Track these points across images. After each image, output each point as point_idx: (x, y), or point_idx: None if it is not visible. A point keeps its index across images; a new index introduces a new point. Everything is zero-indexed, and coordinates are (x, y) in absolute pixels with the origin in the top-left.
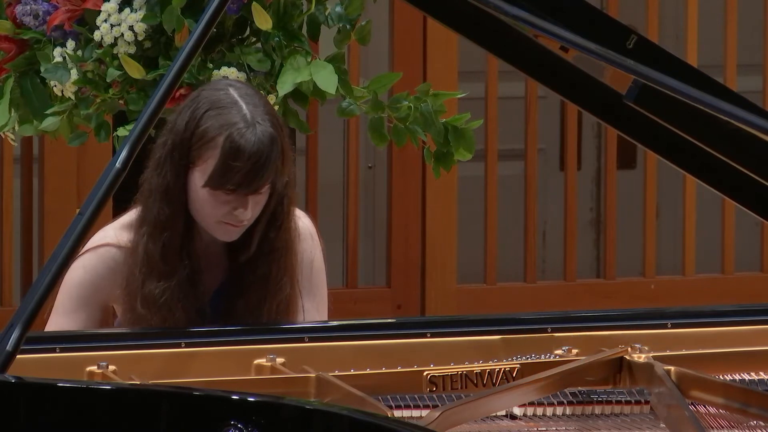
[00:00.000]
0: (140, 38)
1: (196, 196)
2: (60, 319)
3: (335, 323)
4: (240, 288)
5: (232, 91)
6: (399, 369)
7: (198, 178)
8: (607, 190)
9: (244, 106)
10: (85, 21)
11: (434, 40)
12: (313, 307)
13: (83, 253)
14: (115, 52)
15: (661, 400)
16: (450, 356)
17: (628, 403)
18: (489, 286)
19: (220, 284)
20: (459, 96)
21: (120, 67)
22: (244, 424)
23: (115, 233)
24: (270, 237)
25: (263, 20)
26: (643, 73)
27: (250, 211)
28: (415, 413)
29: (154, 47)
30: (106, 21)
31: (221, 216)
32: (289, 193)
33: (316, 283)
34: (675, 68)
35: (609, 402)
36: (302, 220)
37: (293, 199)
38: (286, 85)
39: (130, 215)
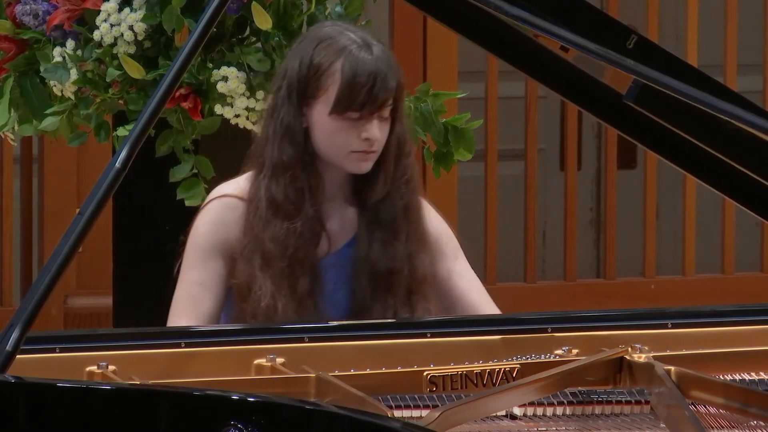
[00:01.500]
0: (140, 38)
1: (323, 129)
2: (192, 273)
3: (335, 323)
4: (380, 224)
5: (335, 26)
6: (399, 369)
7: (322, 108)
8: (607, 190)
9: (352, 33)
10: (85, 21)
11: (434, 40)
12: (466, 268)
13: (205, 205)
14: (114, 52)
15: (662, 400)
16: (450, 356)
17: (628, 403)
18: (489, 286)
19: (342, 248)
20: (459, 96)
21: (120, 67)
22: (244, 424)
23: (233, 186)
24: (402, 165)
25: (263, 20)
26: (643, 73)
27: (378, 133)
28: (415, 413)
29: (154, 47)
30: (105, 21)
31: (352, 144)
32: (406, 120)
33: (455, 246)
34: (675, 68)
35: (609, 402)
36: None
37: (410, 127)
38: None
39: (247, 174)
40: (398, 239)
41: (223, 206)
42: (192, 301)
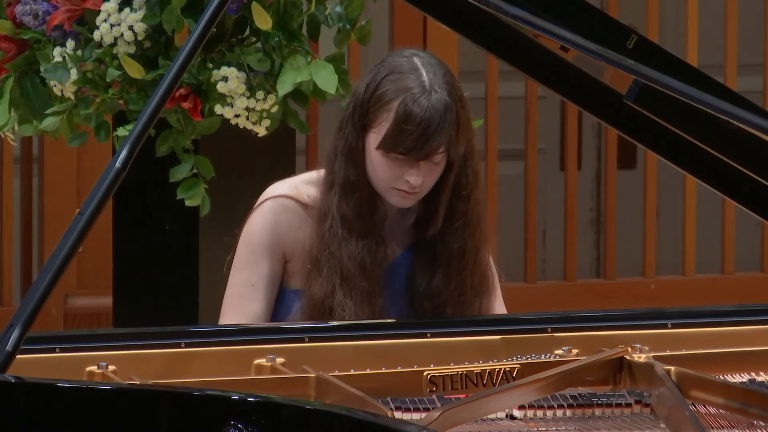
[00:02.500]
0: (140, 38)
1: (371, 158)
2: (243, 273)
3: (335, 323)
4: (434, 262)
5: (415, 59)
6: (399, 369)
7: (373, 140)
8: (607, 190)
9: (423, 74)
10: (85, 21)
11: (434, 40)
12: (500, 305)
13: (260, 204)
14: (114, 52)
15: (662, 400)
16: (450, 356)
17: (628, 405)
18: None
19: (398, 257)
20: None
21: (120, 67)
22: (244, 424)
23: (289, 187)
24: (458, 209)
25: (263, 20)
26: (643, 73)
27: (422, 178)
28: (416, 416)
29: (154, 47)
30: (105, 21)
31: (394, 181)
32: (472, 164)
33: (497, 283)
34: (675, 68)
35: (609, 405)
36: None
37: (479, 171)
38: (286, 85)
39: (310, 174)
40: (450, 281)
41: (279, 206)
42: (242, 301)
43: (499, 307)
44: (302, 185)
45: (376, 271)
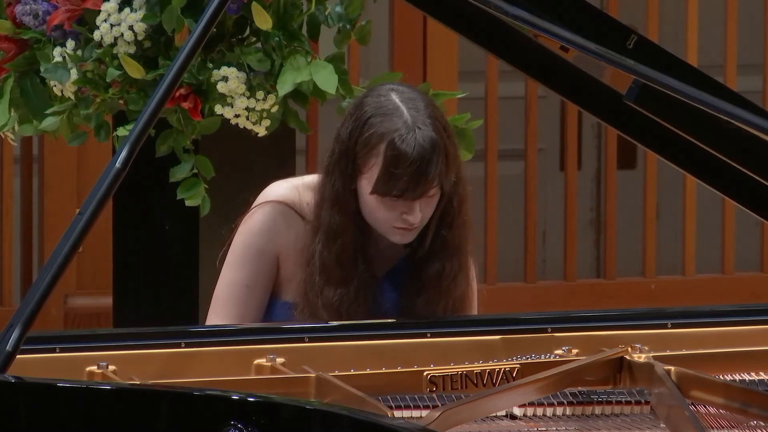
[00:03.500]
0: (140, 38)
1: (365, 202)
2: (238, 273)
3: (335, 323)
4: (418, 285)
5: (393, 96)
6: (399, 369)
7: (365, 185)
8: (607, 190)
9: (405, 111)
10: (85, 21)
11: (434, 40)
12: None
13: (261, 204)
14: (115, 52)
15: (662, 400)
16: (450, 356)
17: (628, 403)
18: (489, 286)
19: (390, 270)
20: (459, 96)
21: (120, 67)
22: (244, 424)
23: (291, 191)
24: (442, 235)
25: (263, 20)
26: (643, 73)
27: (420, 213)
28: (416, 413)
29: (154, 47)
30: (105, 21)
31: (393, 221)
32: (459, 191)
33: (472, 288)
34: (675, 68)
35: (609, 402)
36: None
37: (464, 197)
38: (286, 85)
39: (313, 177)
40: (429, 305)
41: (278, 213)
42: (236, 301)
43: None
44: (305, 190)
45: (360, 313)
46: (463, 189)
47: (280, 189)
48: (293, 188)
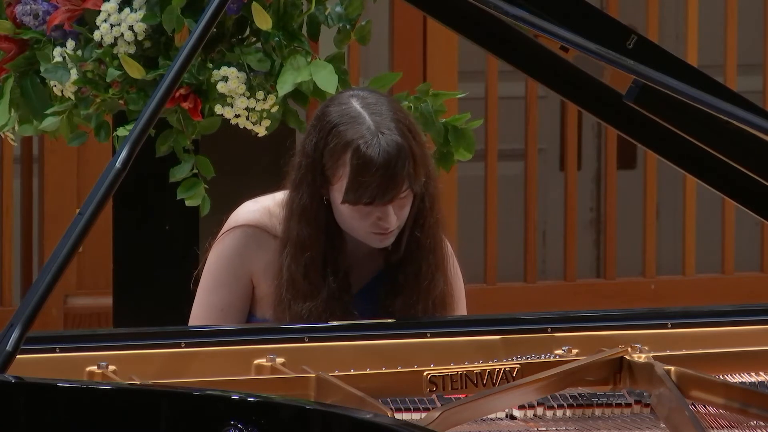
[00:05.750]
0: (140, 38)
1: (339, 213)
2: (211, 297)
3: (335, 323)
4: (395, 288)
5: (355, 102)
6: (399, 369)
7: (337, 196)
8: (607, 190)
9: (367, 117)
10: (85, 21)
11: (434, 40)
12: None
13: (232, 229)
14: (115, 52)
15: (661, 401)
16: (450, 356)
17: (628, 405)
18: (489, 286)
19: (368, 283)
20: (459, 96)
21: (120, 67)
22: (244, 424)
23: (261, 213)
24: (416, 236)
25: (263, 20)
26: (643, 73)
27: (394, 217)
28: (416, 416)
29: (154, 47)
30: (106, 21)
31: (369, 228)
32: (430, 190)
33: (458, 288)
34: (675, 68)
35: (609, 405)
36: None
37: (436, 195)
38: (286, 85)
39: (283, 194)
40: (409, 307)
41: (248, 237)
42: (212, 325)
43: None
44: (276, 209)
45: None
46: (434, 188)
47: (249, 212)
48: (263, 209)
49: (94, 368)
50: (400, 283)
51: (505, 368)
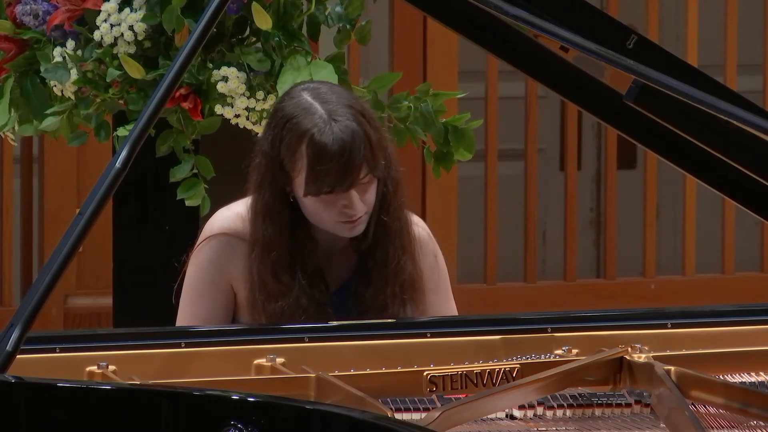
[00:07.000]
0: (140, 38)
1: (306, 207)
2: (193, 308)
3: (335, 323)
4: (365, 275)
5: (306, 95)
6: (399, 369)
7: (299, 190)
8: (607, 190)
9: (319, 107)
10: (85, 21)
11: (434, 40)
12: (443, 302)
13: (205, 240)
14: (115, 52)
15: (662, 400)
16: (450, 356)
17: (628, 405)
18: (489, 286)
19: (346, 281)
20: (459, 96)
21: (120, 67)
22: (244, 424)
23: (233, 221)
24: (382, 220)
25: (263, 20)
26: (643, 73)
27: (360, 203)
28: (416, 416)
29: (154, 47)
30: (106, 21)
31: (336, 217)
32: (392, 174)
33: (443, 281)
34: (675, 68)
35: (609, 405)
36: (417, 227)
37: (398, 179)
38: (286, 85)
39: (247, 203)
40: (378, 292)
41: (223, 245)
42: None
43: (447, 307)
44: (248, 213)
45: (304, 316)
46: (395, 171)
47: (222, 220)
48: (236, 216)
49: (94, 368)
50: (369, 270)
51: (505, 368)
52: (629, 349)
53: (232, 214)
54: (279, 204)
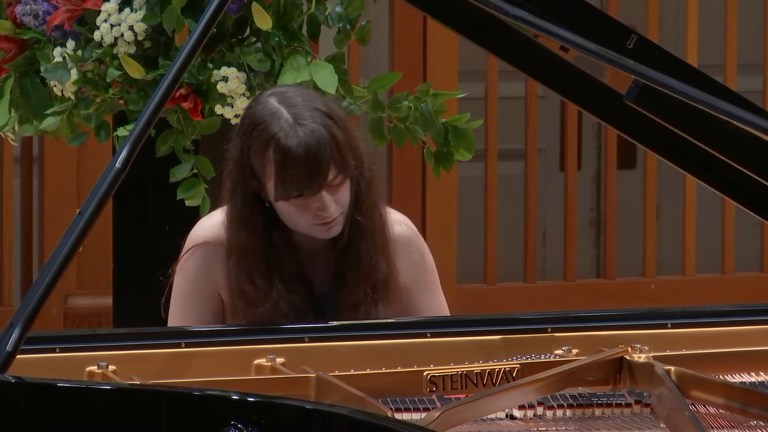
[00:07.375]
0: (140, 38)
1: (280, 211)
2: (181, 317)
3: (335, 323)
4: (340, 275)
5: (271, 100)
6: (399, 369)
7: (272, 195)
8: (607, 190)
9: (284, 112)
10: (85, 21)
11: (434, 40)
12: (433, 299)
13: (189, 250)
14: (115, 52)
15: (662, 400)
16: (450, 356)
17: (628, 405)
18: (489, 286)
19: (331, 284)
20: (459, 96)
21: (120, 67)
22: (244, 424)
23: (215, 229)
24: (356, 220)
25: (263, 20)
26: (643, 73)
27: (333, 204)
28: (416, 416)
29: (154, 47)
30: (106, 21)
31: (311, 220)
32: (364, 173)
33: (430, 278)
34: (675, 68)
35: (609, 405)
36: (401, 226)
37: (370, 178)
38: None
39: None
40: (351, 292)
41: (206, 254)
42: None
43: (436, 304)
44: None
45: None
46: (367, 171)
47: (205, 229)
48: (217, 224)
49: (94, 368)
50: (343, 269)
51: (505, 368)
52: (629, 349)
53: (214, 222)
54: (252, 210)
